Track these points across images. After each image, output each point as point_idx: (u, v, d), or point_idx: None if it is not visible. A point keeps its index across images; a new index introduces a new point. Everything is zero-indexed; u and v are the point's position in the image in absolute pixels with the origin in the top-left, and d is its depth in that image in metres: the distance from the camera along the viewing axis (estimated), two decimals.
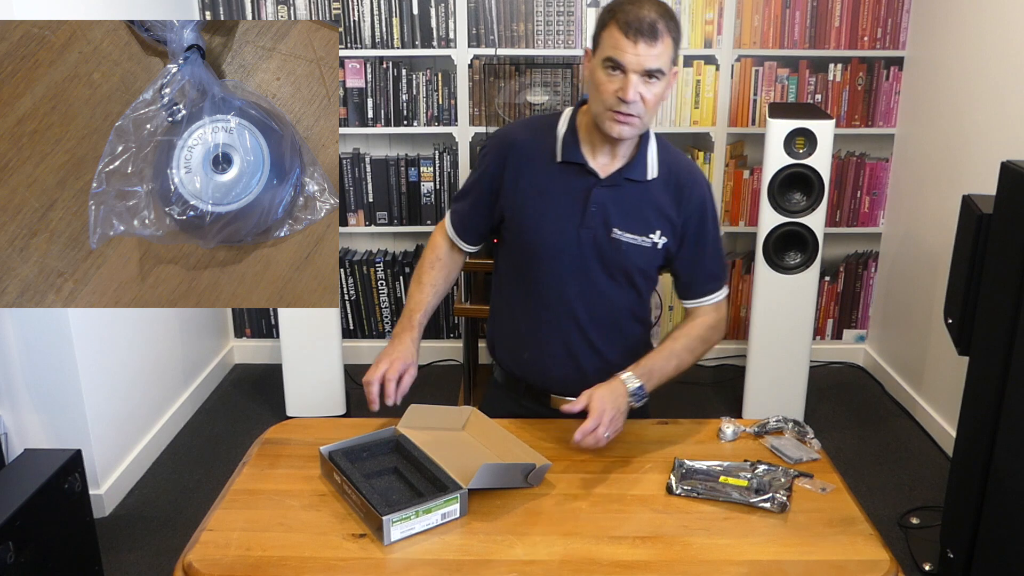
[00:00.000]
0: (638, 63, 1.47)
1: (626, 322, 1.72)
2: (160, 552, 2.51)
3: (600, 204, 1.61)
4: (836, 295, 3.76)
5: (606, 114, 1.53)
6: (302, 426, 1.69)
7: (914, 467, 2.98)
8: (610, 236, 1.62)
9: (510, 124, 1.73)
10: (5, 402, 2.54)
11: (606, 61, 1.50)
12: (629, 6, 1.48)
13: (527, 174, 1.64)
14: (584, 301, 1.66)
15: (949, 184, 3.08)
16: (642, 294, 1.71)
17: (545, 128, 1.66)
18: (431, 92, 3.49)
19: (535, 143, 1.65)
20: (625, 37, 1.47)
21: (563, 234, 1.62)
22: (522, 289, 1.71)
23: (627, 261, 1.63)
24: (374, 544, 1.30)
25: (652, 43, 1.47)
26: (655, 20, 1.46)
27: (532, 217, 1.64)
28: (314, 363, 3.22)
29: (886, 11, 3.40)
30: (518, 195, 1.65)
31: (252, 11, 3.41)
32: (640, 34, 1.46)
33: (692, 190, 1.65)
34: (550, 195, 1.63)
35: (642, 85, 1.49)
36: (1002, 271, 1.94)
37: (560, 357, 1.70)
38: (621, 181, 1.61)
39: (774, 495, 1.40)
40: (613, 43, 1.48)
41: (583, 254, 1.63)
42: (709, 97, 3.50)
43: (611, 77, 1.50)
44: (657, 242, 1.64)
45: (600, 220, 1.61)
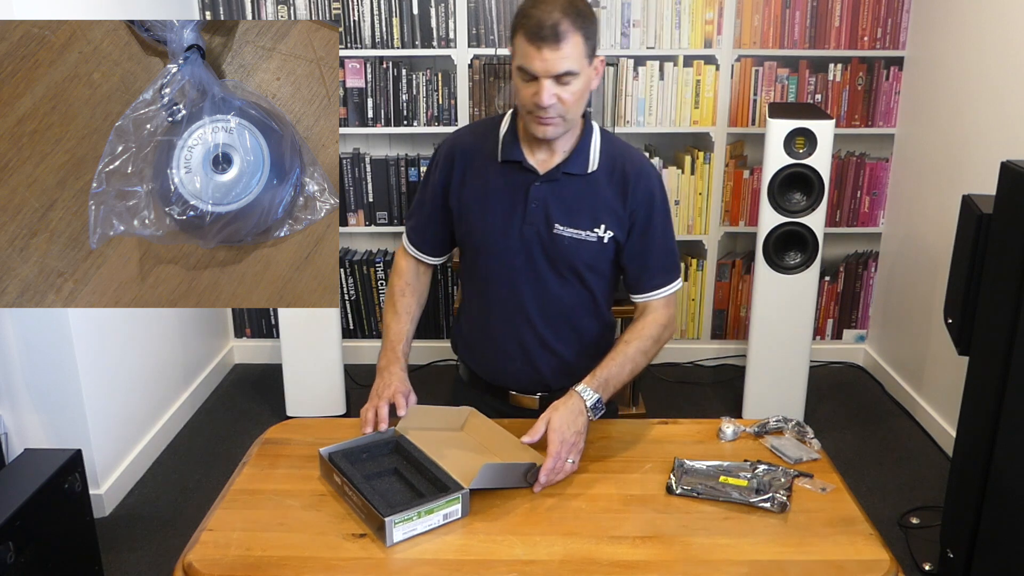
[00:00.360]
0: (546, 69, 1.47)
1: (580, 320, 1.71)
2: (160, 552, 2.51)
3: (540, 200, 1.62)
4: (836, 295, 3.76)
5: (528, 117, 1.55)
6: (302, 426, 1.69)
7: (914, 467, 2.98)
8: (552, 232, 1.62)
9: (456, 130, 1.76)
10: (5, 402, 2.54)
11: (519, 70, 1.51)
12: (532, 10, 1.46)
13: (471, 176, 1.66)
14: (535, 299, 1.67)
15: (949, 184, 3.08)
16: (595, 291, 1.69)
17: (488, 130, 1.68)
18: (431, 92, 3.49)
19: (478, 145, 1.67)
20: (530, 44, 1.46)
21: (507, 232, 1.63)
22: (476, 288, 1.73)
23: (571, 256, 1.63)
24: (374, 544, 1.30)
25: (557, 47, 1.45)
26: (557, 22, 1.44)
27: (478, 217, 1.65)
28: (314, 363, 3.22)
29: (886, 11, 3.40)
30: (464, 197, 1.67)
31: (252, 11, 3.41)
32: (543, 40, 1.45)
33: (638, 182, 1.64)
34: (493, 194, 1.64)
35: (556, 87, 1.49)
36: (1002, 271, 1.94)
37: (515, 355, 1.71)
38: (559, 176, 1.62)
39: (774, 495, 1.40)
40: (522, 51, 1.48)
41: (528, 252, 1.63)
42: (709, 97, 3.50)
43: (526, 84, 1.51)
44: (602, 236, 1.63)
45: (541, 216, 1.62)
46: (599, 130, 1.67)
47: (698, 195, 3.60)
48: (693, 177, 3.58)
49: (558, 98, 1.49)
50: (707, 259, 3.70)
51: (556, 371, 1.71)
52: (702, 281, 3.74)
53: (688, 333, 3.82)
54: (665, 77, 3.47)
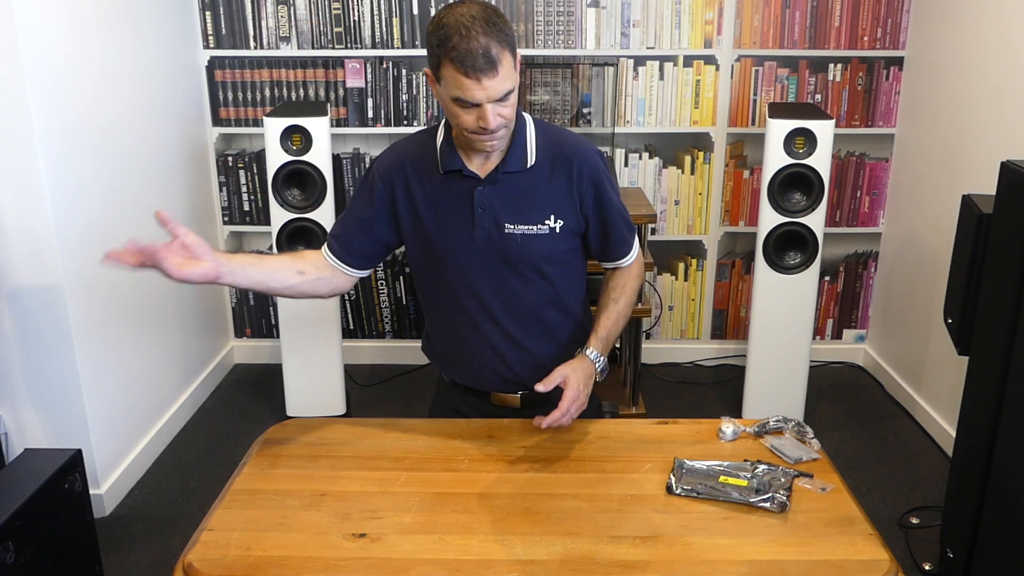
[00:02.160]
0: (488, 96, 1.45)
1: (547, 313, 1.72)
2: (160, 552, 2.51)
3: (485, 203, 1.62)
4: (836, 295, 3.76)
5: (473, 138, 1.53)
6: (302, 426, 1.69)
7: (914, 467, 2.98)
8: (503, 232, 1.63)
9: (391, 146, 1.74)
10: (5, 402, 2.54)
11: (456, 101, 1.47)
12: (458, 40, 1.41)
13: (417, 189, 1.66)
14: (498, 301, 1.67)
15: (949, 184, 3.08)
16: (555, 283, 1.70)
17: (424, 142, 1.67)
18: (431, 92, 3.49)
19: (419, 159, 1.66)
20: (467, 78, 1.43)
21: (460, 240, 1.64)
22: (440, 298, 1.73)
23: (528, 253, 1.64)
24: (374, 544, 1.30)
25: (495, 73, 1.43)
26: (488, 47, 1.41)
27: (432, 228, 1.65)
28: (314, 363, 3.22)
29: (886, 11, 3.40)
30: (413, 211, 1.66)
31: (252, 11, 3.41)
32: (480, 71, 1.42)
33: (581, 164, 1.64)
34: (441, 205, 1.64)
35: (498, 107, 1.48)
36: (1002, 271, 1.94)
37: (489, 359, 1.72)
38: (499, 177, 1.62)
39: (774, 495, 1.40)
40: (456, 84, 1.45)
41: (484, 256, 1.64)
42: (709, 97, 3.50)
43: (466, 110, 1.48)
44: (554, 227, 1.64)
45: (490, 219, 1.62)
46: (532, 122, 1.66)
47: (698, 195, 3.60)
48: (693, 177, 3.58)
49: (501, 116, 1.49)
50: (707, 259, 3.70)
51: (532, 369, 1.71)
52: (702, 281, 3.74)
53: (688, 333, 3.82)
54: (665, 77, 3.47)
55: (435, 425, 1.67)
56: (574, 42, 3.43)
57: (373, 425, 1.67)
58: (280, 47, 3.45)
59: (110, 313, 2.74)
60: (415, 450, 1.57)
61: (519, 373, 1.72)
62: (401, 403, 3.47)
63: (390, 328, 3.81)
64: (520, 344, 1.71)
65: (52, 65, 2.42)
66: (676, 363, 3.79)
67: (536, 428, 1.56)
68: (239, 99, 3.50)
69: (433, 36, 1.46)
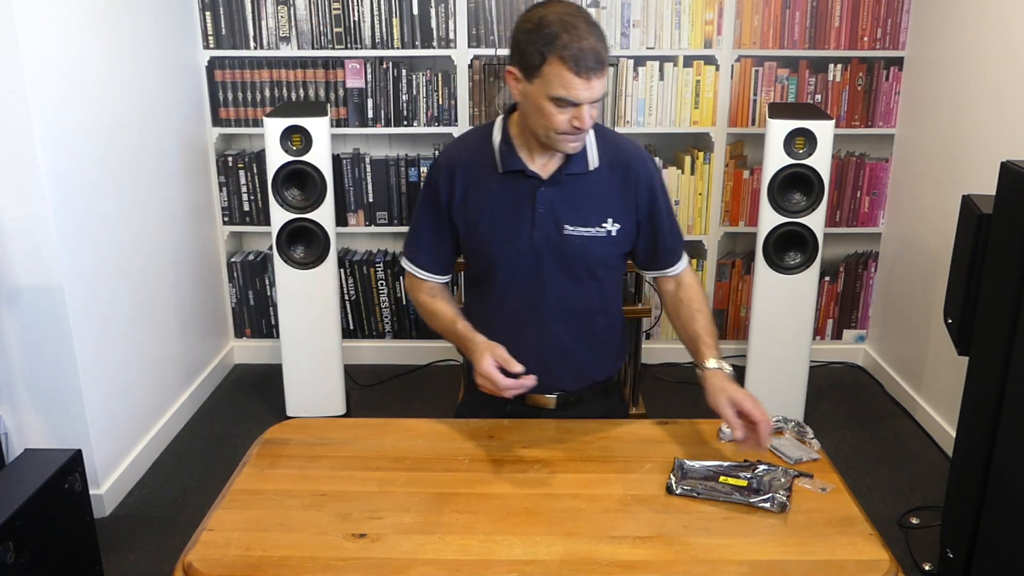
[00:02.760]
0: (591, 97, 1.47)
1: (594, 318, 1.73)
2: (160, 552, 2.51)
3: (547, 204, 1.62)
4: (836, 295, 3.76)
5: (559, 138, 1.53)
6: (302, 426, 1.69)
7: (914, 467, 2.98)
8: (562, 234, 1.63)
9: (446, 148, 1.75)
10: (5, 402, 2.54)
11: (554, 100, 1.47)
12: (568, 37, 1.42)
13: (474, 190, 1.66)
14: (550, 303, 1.67)
15: (949, 184, 3.08)
16: (604, 287, 1.71)
17: (481, 141, 1.67)
18: (431, 92, 3.49)
19: (476, 158, 1.66)
20: (577, 77, 1.44)
21: (518, 241, 1.63)
22: (486, 298, 1.72)
23: (585, 255, 1.64)
24: (374, 544, 1.30)
25: (602, 74, 1.46)
26: (596, 47, 1.43)
27: (487, 229, 1.65)
28: (314, 363, 3.22)
29: (886, 11, 3.40)
30: (469, 211, 1.66)
31: (252, 11, 3.41)
32: (590, 70, 1.43)
33: (638, 171, 1.66)
34: (498, 205, 1.64)
35: (592, 108, 1.50)
36: (1002, 271, 1.94)
37: (529, 361, 1.67)
38: (563, 178, 1.62)
39: (774, 495, 1.40)
40: (563, 83, 1.45)
41: (540, 257, 1.64)
42: (709, 97, 3.50)
43: (562, 110, 1.49)
44: (611, 230, 1.64)
45: (550, 220, 1.62)
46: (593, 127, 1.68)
47: (698, 195, 3.60)
48: (693, 177, 3.58)
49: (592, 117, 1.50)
50: (707, 259, 3.70)
51: (569, 370, 1.72)
52: (702, 281, 3.74)
53: None
54: (665, 77, 3.46)
55: (435, 425, 1.67)
56: None
57: (373, 425, 1.67)
58: (280, 47, 3.45)
59: (110, 313, 2.74)
60: (415, 450, 1.57)
61: (558, 374, 1.71)
62: (401, 403, 3.47)
63: (390, 328, 3.81)
64: (564, 347, 1.70)
65: (52, 65, 2.42)
66: (676, 363, 3.79)
67: (753, 448, 1.48)
68: (239, 99, 3.50)
69: (536, 34, 1.45)
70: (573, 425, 1.64)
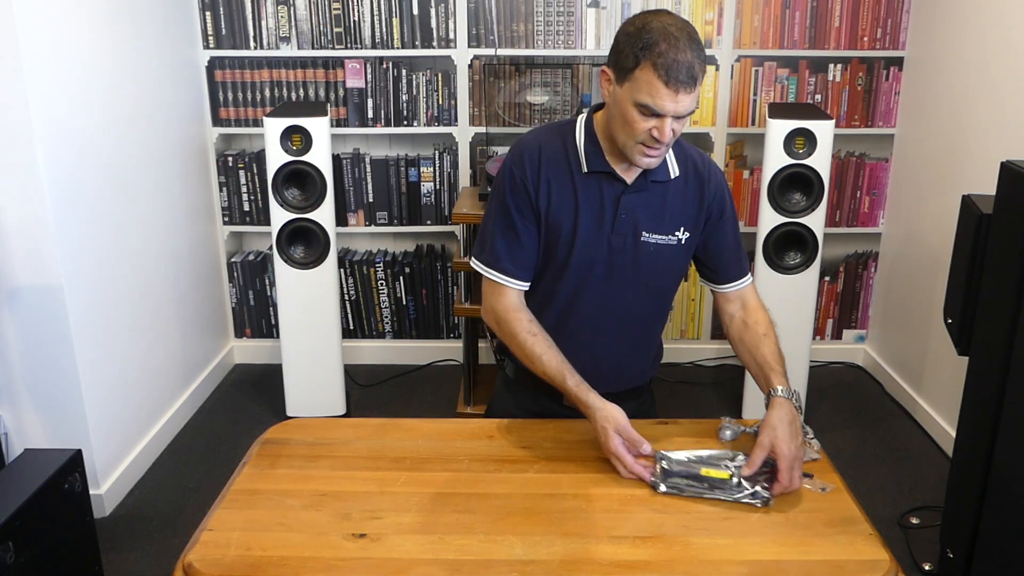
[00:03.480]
0: (676, 111, 1.44)
1: (652, 327, 1.75)
2: (160, 552, 2.51)
3: (630, 210, 1.60)
4: (836, 295, 3.76)
5: (636, 147, 1.50)
6: (302, 426, 1.69)
7: (914, 467, 2.98)
8: (639, 240, 1.61)
9: (524, 140, 1.66)
10: (5, 402, 2.54)
11: (639, 106, 1.45)
12: (666, 46, 1.40)
13: (556, 187, 1.61)
14: (612, 307, 1.66)
15: (949, 184, 3.08)
16: (665, 297, 1.73)
17: (563, 139, 1.62)
18: (431, 92, 3.49)
19: (557, 155, 1.61)
20: (666, 87, 1.41)
21: (595, 243, 1.61)
22: (547, 297, 1.67)
23: (656, 263, 1.64)
24: (374, 544, 1.30)
25: (692, 90, 1.43)
26: (692, 63, 1.40)
27: (568, 228, 1.61)
28: (314, 363, 3.22)
29: (886, 11, 3.40)
30: (552, 208, 1.61)
31: (252, 11, 3.41)
32: (681, 84, 1.41)
33: (712, 179, 1.66)
34: (581, 206, 1.60)
35: (675, 123, 1.46)
36: (1002, 271, 1.94)
37: (582, 360, 1.64)
38: (648, 185, 1.61)
39: (756, 490, 1.40)
40: (651, 90, 1.42)
41: (615, 260, 1.62)
42: (709, 97, 3.50)
43: (646, 119, 1.46)
44: (681, 238, 1.64)
45: (630, 225, 1.61)
46: None
47: None
48: None
49: (674, 131, 1.47)
50: None
51: (616, 373, 1.71)
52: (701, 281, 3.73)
53: (688, 333, 3.82)
54: None
55: (435, 425, 1.67)
56: (574, 42, 3.43)
57: (373, 425, 1.67)
58: (280, 47, 3.45)
59: (110, 313, 2.74)
60: (415, 450, 1.57)
61: (605, 376, 1.66)
62: (401, 403, 3.47)
63: (390, 328, 3.81)
64: (620, 351, 1.70)
65: (52, 65, 2.42)
66: (676, 363, 3.79)
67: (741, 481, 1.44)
68: (239, 99, 3.50)
69: (636, 37, 1.43)
70: (573, 425, 1.64)
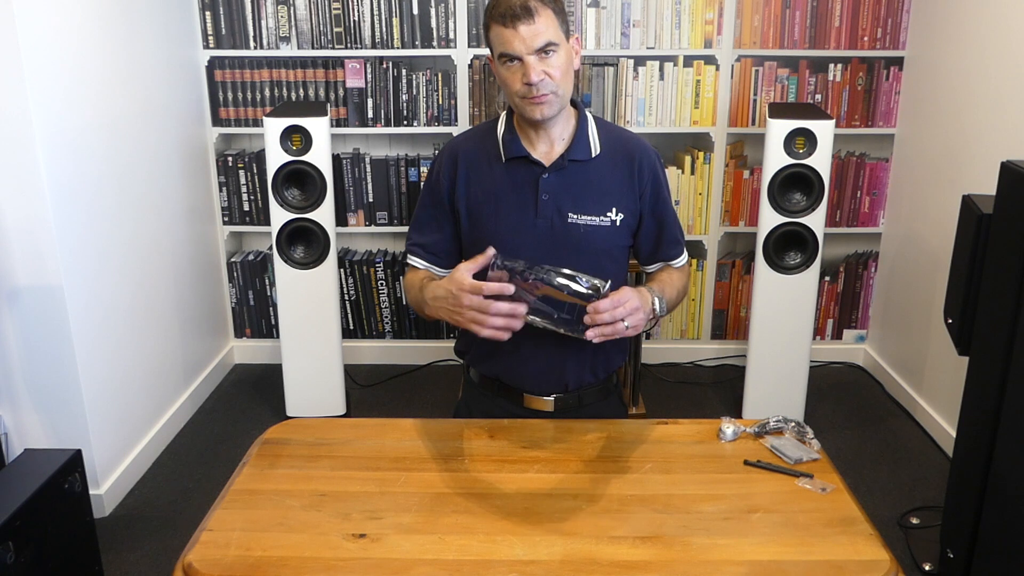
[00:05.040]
0: (527, 46, 1.51)
1: None
2: (160, 552, 2.51)
3: (551, 191, 1.63)
4: (836, 295, 3.76)
5: (523, 103, 1.57)
6: (302, 426, 1.69)
7: (914, 467, 2.98)
8: (567, 222, 1.63)
9: (451, 140, 1.77)
10: (5, 402, 2.54)
11: (501, 57, 1.55)
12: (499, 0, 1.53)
13: (476, 180, 1.67)
14: None
15: (949, 184, 3.08)
16: (613, 280, 1.69)
17: (485, 133, 1.70)
18: (431, 92, 3.49)
19: (479, 149, 1.68)
20: (505, 28, 1.51)
21: (520, 228, 1.63)
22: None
23: (589, 245, 1.64)
24: (374, 544, 1.30)
25: (530, 21, 1.51)
26: (525, 0, 1.50)
27: (490, 218, 1.65)
28: (314, 363, 3.22)
29: (886, 11, 3.40)
30: (471, 201, 1.67)
31: (252, 11, 3.40)
32: (516, 18, 1.50)
33: (642, 161, 1.67)
34: (502, 194, 1.65)
35: (540, 63, 1.53)
36: (1002, 271, 1.94)
37: (536, 355, 1.69)
38: (566, 164, 1.63)
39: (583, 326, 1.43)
40: (500, 40, 1.54)
41: (543, 246, 1.63)
42: (709, 97, 3.50)
43: (511, 69, 1.55)
44: (615, 219, 1.65)
45: (553, 207, 1.63)
46: (592, 117, 1.70)
47: (698, 195, 3.60)
48: (693, 177, 3.58)
49: (546, 74, 1.53)
50: (707, 259, 3.70)
51: (576, 366, 1.71)
52: (702, 281, 3.74)
53: (688, 333, 3.82)
54: (665, 77, 3.46)
55: (435, 425, 1.67)
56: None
57: (373, 425, 1.67)
58: (280, 47, 3.45)
59: (110, 313, 2.74)
60: (415, 450, 1.57)
61: (564, 371, 1.70)
62: (401, 403, 3.47)
63: (390, 328, 3.81)
64: (568, 341, 1.69)
65: (52, 65, 2.42)
66: (676, 363, 3.79)
67: (590, 341, 1.46)
68: (239, 99, 3.50)
69: (484, 12, 1.57)
70: (573, 425, 1.64)
